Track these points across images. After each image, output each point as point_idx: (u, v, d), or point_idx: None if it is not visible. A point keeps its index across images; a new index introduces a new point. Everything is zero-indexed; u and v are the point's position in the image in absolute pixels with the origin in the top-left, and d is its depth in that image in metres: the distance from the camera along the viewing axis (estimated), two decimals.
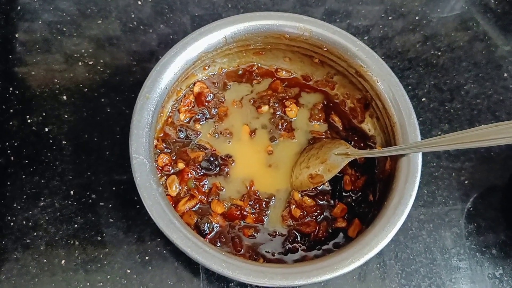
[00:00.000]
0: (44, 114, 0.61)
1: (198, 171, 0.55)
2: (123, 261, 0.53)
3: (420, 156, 0.48)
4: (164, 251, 0.54)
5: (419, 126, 0.51)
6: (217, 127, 0.58)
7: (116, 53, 0.66)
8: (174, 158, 0.55)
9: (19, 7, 0.68)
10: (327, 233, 0.53)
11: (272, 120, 0.59)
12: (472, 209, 0.60)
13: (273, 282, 0.42)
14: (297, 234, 0.53)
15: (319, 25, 0.56)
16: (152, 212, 0.45)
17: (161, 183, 0.48)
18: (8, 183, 0.56)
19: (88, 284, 0.52)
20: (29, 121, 0.60)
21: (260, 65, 0.62)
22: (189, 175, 0.54)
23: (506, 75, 0.71)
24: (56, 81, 0.63)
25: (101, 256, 0.53)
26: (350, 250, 0.44)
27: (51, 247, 0.53)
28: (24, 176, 0.57)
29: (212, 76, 0.61)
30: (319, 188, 0.55)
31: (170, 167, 0.54)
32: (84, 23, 0.68)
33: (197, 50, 0.54)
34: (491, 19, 0.77)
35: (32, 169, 0.57)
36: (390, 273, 0.56)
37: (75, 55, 0.65)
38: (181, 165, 0.54)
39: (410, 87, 0.68)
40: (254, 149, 0.58)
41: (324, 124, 0.60)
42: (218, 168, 0.55)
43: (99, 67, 0.65)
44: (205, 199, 0.53)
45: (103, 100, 0.62)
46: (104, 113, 0.61)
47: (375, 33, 0.73)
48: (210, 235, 0.51)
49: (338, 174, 0.54)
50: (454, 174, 0.62)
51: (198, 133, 0.57)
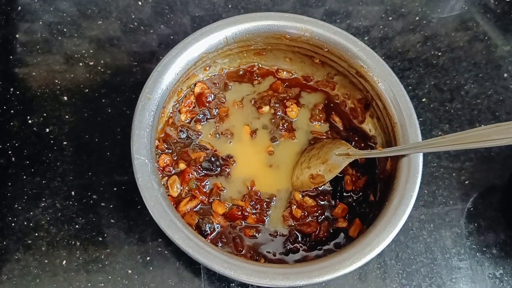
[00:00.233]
0: (45, 114, 0.61)
1: (199, 171, 0.55)
2: (125, 261, 0.53)
3: (421, 157, 0.48)
4: (165, 252, 0.54)
5: (419, 126, 0.51)
6: (218, 127, 0.58)
7: (117, 53, 0.66)
8: (175, 158, 0.55)
9: (19, 8, 0.68)
10: (328, 233, 0.53)
11: (273, 121, 0.59)
12: (472, 209, 0.61)
13: (274, 282, 0.42)
14: (298, 234, 0.53)
15: (320, 26, 0.56)
16: (153, 213, 0.45)
17: (162, 184, 0.48)
18: (9, 184, 0.56)
19: (90, 284, 0.52)
20: (29, 121, 0.60)
21: (260, 66, 0.62)
22: (190, 175, 0.54)
23: (506, 75, 0.71)
24: (57, 81, 0.63)
25: (103, 257, 0.53)
26: (352, 250, 0.44)
27: (52, 247, 0.53)
28: (25, 177, 0.57)
29: (213, 77, 0.61)
30: (320, 189, 0.55)
31: (171, 168, 0.54)
32: (84, 23, 0.68)
33: (198, 51, 0.54)
34: (491, 19, 0.77)
35: (33, 170, 0.57)
36: (390, 273, 0.56)
37: (76, 56, 0.65)
38: (182, 166, 0.54)
39: (410, 87, 0.68)
40: (255, 149, 0.58)
41: (325, 124, 0.60)
42: (219, 169, 0.55)
43: (99, 68, 0.65)
44: (206, 199, 0.53)
45: (103, 100, 0.62)
46: (105, 113, 0.62)
47: (375, 33, 0.73)
48: (211, 235, 0.52)
49: (339, 175, 0.54)
50: (454, 174, 0.62)
51: (199, 133, 0.57)
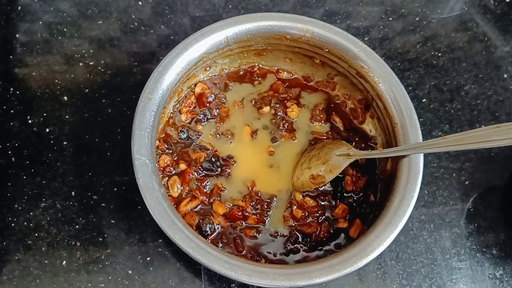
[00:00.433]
0: (45, 115, 0.61)
1: (200, 172, 0.55)
2: (125, 262, 0.53)
3: (421, 157, 0.48)
4: (166, 252, 0.54)
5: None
6: (218, 128, 0.58)
7: (117, 54, 0.66)
8: (175, 159, 0.55)
9: (19, 8, 0.68)
10: (328, 234, 0.53)
11: (273, 121, 0.59)
12: (472, 209, 0.61)
13: (275, 282, 0.42)
14: (298, 234, 0.53)
15: (321, 26, 0.56)
16: (154, 213, 0.45)
17: (162, 184, 0.48)
18: (9, 184, 0.56)
19: (90, 285, 0.52)
20: (30, 122, 0.60)
21: (261, 66, 0.62)
22: (191, 176, 0.54)
23: (505, 75, 0.71)
24: (57, 82, 0.63)
25: (103, 257, 0.53)
26: (352, 251, 0.44)
27: (53, 248, 0.53)
28: (25, 177, 0.57)
29: (214, 77, 0.61)
30: (320, 189, 0.55)
31: (172, 168, 0.54)
32: (84, 24, 0.68)
33: (199, 51, 0.54)
34: (491, 20, 0.77)
35: (33, 170, 0.57)
36: (391, 273, 0.56)
37: (76, 56, 0.65)
38: (182, 166, 0.54)
39: (410, 88, 0.68)
40: (255, 150, 0.58)
41: (325, 124, 0.60)
42: (219, 169, 0.55)
43: (100, 68, 0.65)
44: (207, 200, 0.53)
45: (104, 101, 0.62)
46: (105, 114, 0.61)
47: (375, 34, 0.73)
48: (212, 236, 0.52)
49: (339, 175, 0.54)
50: (454, 175, 0.62)
51: (200, 134, 0.57)
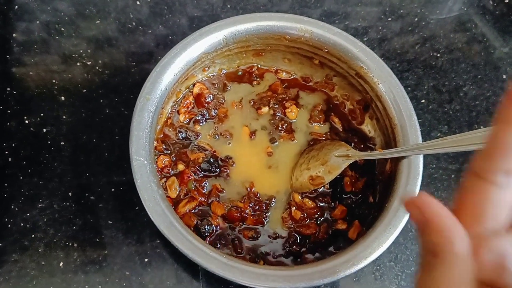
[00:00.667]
0: (42, 115, 0.60)
1: (198, 172, 0.54)
2: (123, 262, 0.53)
3: (421, 158, 0.48)
4: (164, 253, 0.54)
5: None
6: (217, 128, 0.58)
7: (115, 53, 0.66)
8: (174, 159, 0.55)
9: (16, 7, 0.68)
10: (327, 235, 0.53)
11: (272, 122, 0.59)
12: None
13: (274, 284, 0.42)
14: (297, 236, 0.53)
15: (320, 26, 0.56)
16: (152, 214, 0.44)
17: (161, 185, 0.47)
18: (6, 185, 0.56)
19: (87, 286, 0.51)
20: (27, 122, 0.60)
21: (260, 66, 0.62)
22: (189, 176, 0.53)
23: (504, 76, 0.71)
24: (54, 81, 0.63)
25: (100, 258, 0.53)
26: (352, 253, 0.44)
27: (50, 249, 0.53)
28: (22, 178, 0.56)
29: (212, 77, 0.61)
30: (319, 190, 0.55)
31: (170, 169, 0.54)
32: (82, 23, 0.68)
33: (197, 51, 0.54)
34: (489, 20, 0.77)
35: (30, 170, 0.57)
36: (389, 274, 0.56)
37: (74, 56, 0.65)
38: (181, 167, 0.54)
39: (409, 89, 0.68)
40: (254, 150, 0.57)
41: (324, 125, 0.60)
42: (218, 170, 0.55)
43: (97, 68, 0.64)
44: (205, 201, 0.53)
45: (102, 101, 0.62)
46: (103, 114, 0.61)
47: (373, 34, 0.73)
48: (210, 237, 0.51)
49: (338, 176, 0.54)
50: (453, 176, 0.62)
51: (198, 134, 0.57)
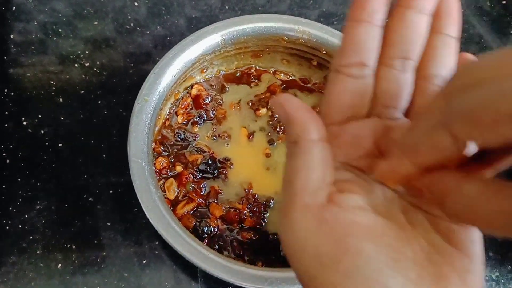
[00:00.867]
0: (40, 116, 0.60)
1: (196, 174, 0.54)
2: (121, 264, 0.53)
3: None
4: (162, 254, 0.54)
5: None
6: (215, 129, 0.58)
7: (113, 54, 0.66)
8: (172, 161, 0.55)
9: (14, 8, 0.68)
10: None
11: (270, 123, 0.59)
12: None
13: (273, 286, 0.42)
14: None
15: (318, 28, 0.56)
16: (150, 216, 0.44)
17: (159, 187, 0.47)
18: (4, 186, 0.55)
19: (86, 287, 0.51)
20: (24, 123, 0.59)
21: (258, 68, 0.62)
22: (188, 178, 0.53)
23: None
24: (52, 82, 0.62)
25: (99, 260, 0.53)
26: None
27: (48, 250, 0.53)
28: (20, 179, 0.56)
29: (210, 79, 0.61)
30: None
31: (168, 170, 0.54)
32: (80, 24, 0.68)
33: (196, 53, 0.54)
34: (487, 22, 0.77)
35: (28, 172, 0.57)
36: None
37: (71, 57, 0.65)
38: (179, 168, 0.54)
39: None
40: (252, 152, 0.57)
41: None
42: (216, 171, 0.55)
43: (95, 69, 0.64)
44: (204, 202, 0.53)
45: (99, 102, 0.62)
46: (101, 115, 0.61)
47: None
48: (209, 238, 0.51)
49: None
50: None
51: (196, 136, 0.57)
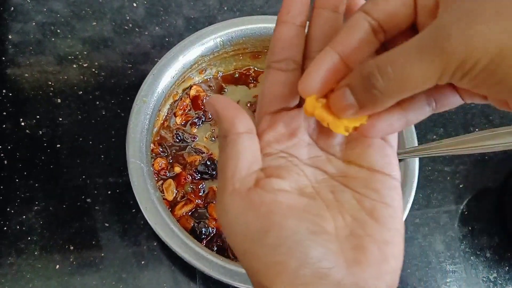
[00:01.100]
0: (38, 117, 0.60)
1: (195, 175, 0.54)
2: (119, 265, 0.53)
3: (417, 162, 0.49)
4: (160, 255, 0.54)
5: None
6: (213, 130, 0.58)
7: (111, 55, 0.66)
8: (170, 162, 0.55)
9: (11, 8, 0.68)
10: None
11: None
12: (466, 212, 0.61)
13: None
14: None
15: None
16: (149, 217, 0.45)
17: (157, 188, 0.47)
18: (2, 187, 0.55)
19: None
20: (22, 124, 0.59)
21: (256, 69, 0.62)
22: (186, 179, 0.53)
23: None
24: (50, 83, 0.62)
25: (97, 261, 0.53)
26: None
27: (46, 251, 0.53)
28: (17, 180, 0.56)
29: (209, 80, 0.60)
30: None
31: (167, 171, 0.54)
32: (78, 24, 0.68)
33: (195, 54, 0.54)
34: None
35: (26, 173, 0.56)
36: None
37: (69, 57, 0.65)
38: (177, 169, 0.54)
39: None
40: None
41: None
42: (215, 172, 0.55)
43: (93, 70, 0.64)
44: (202, 203, 0.53)
45: (98, 103, 0.62)
46: (99, 116, 0.61)
47: None
48: (207, 239, 0.51)
49: None
50: (448, 178, 0.63)
51: (195, 136, 0.57)
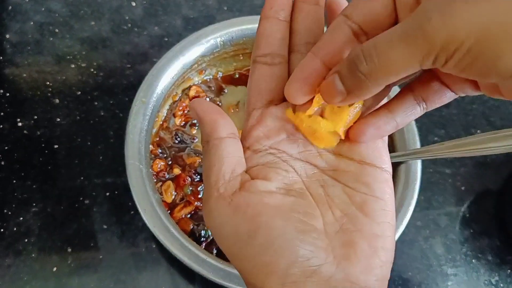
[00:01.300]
0: (36, 117, 0.59)
1: (194, 177, 0.54)
2: (118, 266, 0.53)
3: (419, 164, 0.48)
4: (159, 257, 0.54)
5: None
6: None
7: (110, 55, 0.65)
8: (169, 163, 0.54)
9: (10, 8, 0.67)
10: None
11: None
12: (467, 215, 0.60)
13: None
14: None
15: None
16: (147, 219, 0.44)
17: (156, 189, 0.47)
18: None
19: None
20: (20, 124, 0.59)
21: None
22: (185, 181, 0.53)
23: None
24: (48, 83, 0.62)
25: (95, 262, 0.53)
26: None
27: (44, 253, 0.52)
28: (15, 181, 0.55)
29: (208, 80, 0.60)
30: None
31: (166, 173, 0.53)
32: (76, 24, 0.67)
33: (194, 54, 0.53)
34: None
35: (23, 174, 0.56)
36: None
37: (68, 57, 0.64)
38: (177, 171, 0.53)
39: None
40: None
41: None
42: None
43: (92, 70, 0.64)
44: (202, 205, 0.53)
45: (96, 103, 0.61)
46: (98, 116, 0.60)
47: None
48: (206, 242, 0.51)
49: None
50: (450, 180, 0.62)
51: (194, 138, 0.56)
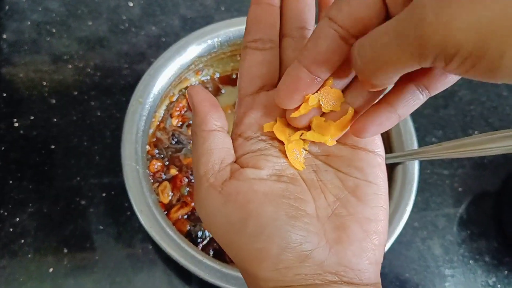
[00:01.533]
0: (32, 117, 0.59)
1: (191, 177, 0.54)
2: (114, 267, 0.52)
3: (416, 165, 0.48)
4: (155, 258, 0.53)
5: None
6: None
7: (107, 55, 0.65)
8: (166, 164, 0.54)
9: (7, 7, 0.67)
10: None
11: None
12: (465, 216, 0.60)
13: None
14: None
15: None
16: (144, 220, 0.44)
17: (153, 190, 0.47)
18: None
19: None
20: (16, 124, 0.59)
21: None
22: (182, 181, 0.53)
23: (499, 82, 0.71)
24: (45, 83, 0.61)
25: (91, 263, 0.52)
26: None
27: (40, 254, 0.52)
28: (11, 181, 0.55)
29: (206, 81, 0.60)
30: None
31: (163, 173, 0.53)
32: (74, 24, 0.67)
33: (191, 54, 0.53)
34: None
35: (19, 174, 0.56)
36: (383, 281, 0.54)
37: (65, 57, 0.64)
38: (173, 172, 0.53)
39: None
40: None
41: None
42: None
43: (89, 70, 0.63)
44: None
45: (93, 103, 0.61)
46: (94, 116, 0.60)
47: None
48: (203, 243, 0.51)
49: None
50: (447, 181, 0.62)
51: (191, 138, 0.56)
